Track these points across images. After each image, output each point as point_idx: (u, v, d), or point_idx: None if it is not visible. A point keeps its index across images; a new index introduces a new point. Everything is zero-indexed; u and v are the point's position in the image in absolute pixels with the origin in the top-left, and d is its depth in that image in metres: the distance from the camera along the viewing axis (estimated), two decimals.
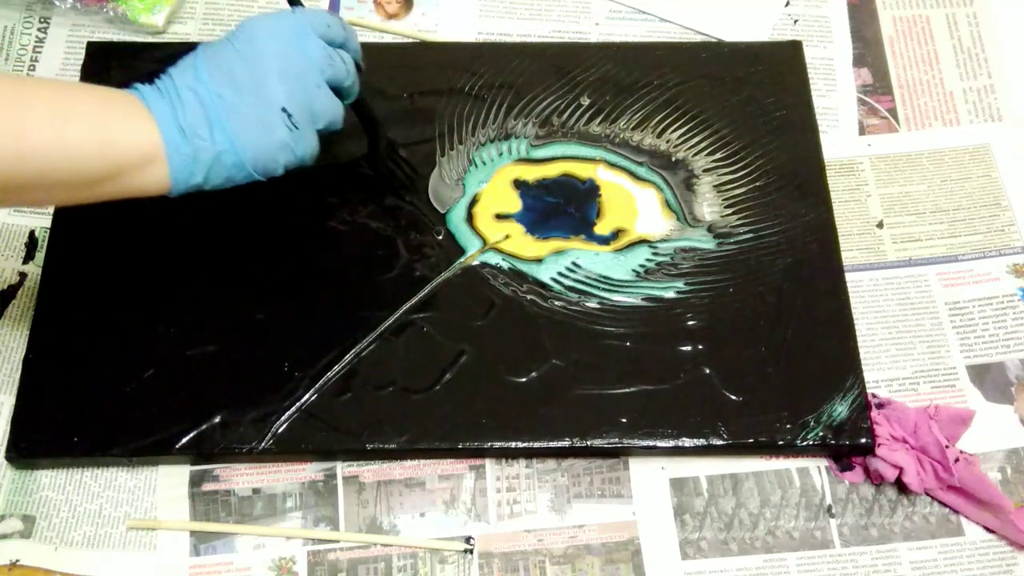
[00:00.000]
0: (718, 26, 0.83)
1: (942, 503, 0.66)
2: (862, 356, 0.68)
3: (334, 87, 0.59)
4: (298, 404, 0.65)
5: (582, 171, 0.75)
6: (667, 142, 0.76)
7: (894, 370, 0.70)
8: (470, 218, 0.73)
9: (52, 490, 0.66)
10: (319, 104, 0.58)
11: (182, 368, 0.66)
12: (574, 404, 0.66)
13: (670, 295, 0.70)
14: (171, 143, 0.54)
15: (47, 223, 0.72)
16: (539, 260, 0.71)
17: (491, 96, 0.77)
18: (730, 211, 0.73)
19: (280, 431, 0.65)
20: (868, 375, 0.68)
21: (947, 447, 0.65)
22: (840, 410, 0.66)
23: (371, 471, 0.67)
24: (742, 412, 0.66)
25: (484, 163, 0.75)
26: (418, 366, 0.67)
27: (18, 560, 0.64)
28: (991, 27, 0.84)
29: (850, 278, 0.72)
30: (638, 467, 0.67)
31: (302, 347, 0.67)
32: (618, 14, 0.85)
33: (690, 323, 0.69)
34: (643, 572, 0.64)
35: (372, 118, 0.69)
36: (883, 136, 0.80)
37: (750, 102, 0.77)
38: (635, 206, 0.74)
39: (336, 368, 0.67)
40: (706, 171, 0.75)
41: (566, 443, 0.65)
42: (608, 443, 0.65)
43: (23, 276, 0.72)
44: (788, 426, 0.65)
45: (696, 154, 0.76)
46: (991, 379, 0.70)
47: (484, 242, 0.72)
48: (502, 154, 0.75)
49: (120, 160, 0.54)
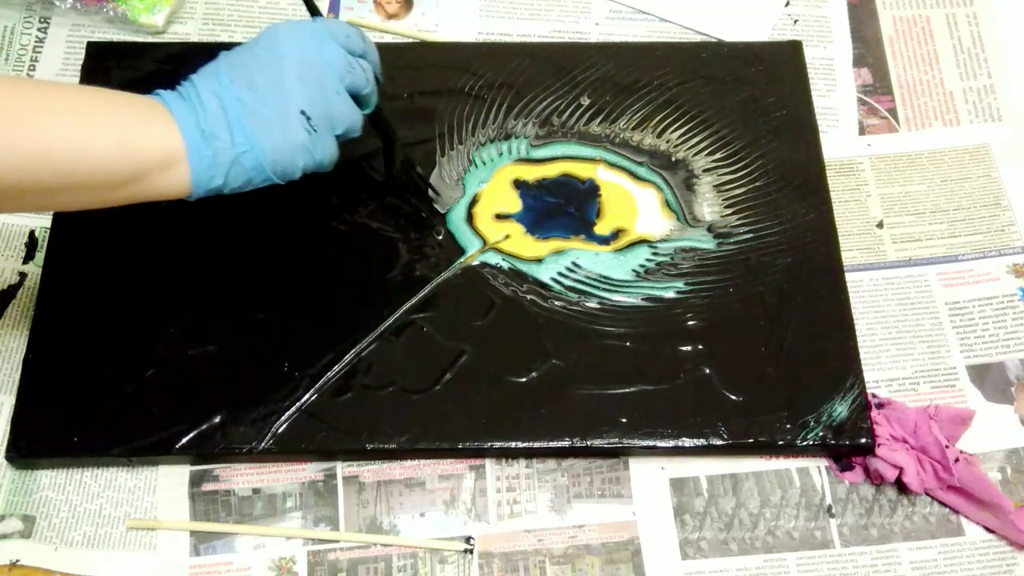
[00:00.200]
0: (718, 26, 0.83)
1: (942, 503, 0.66)
2: (862, 356, 0.68)
3: (353, 95, 0.60)
4: (298, 404, 0.65)
5: (582, 171, 0.75)
6: (667, 142, 0.76)
7: (894, 370, 0.70)
8: (470, 218, 0.73)
9: (52, 490, 0.66)
10: (338, 109, 0.58)
11: (182, 368, 0.66)
12: (574, 404, 0.66)
13: (670, 295, 0.70)
14: (192, 145, 0.55)
15: (47, 223, 0.72)
16: (539, 260, 0.71)
17: (491, 96, 0.77)
18: (730, 211, 0.73)
19: (280, 431, 0.65)
20: (868, 375, 0.68)
21: (947, 447, 0.65)
22: (840, 410, 0.66)
23: (371, 471, 0.67)
24: (742, 412, 0.66)
25: (484, 163, 0.75)
26: (418, 366, 0.67)
27: (18, 560, 0.64)
28: (991, 27, 0.84)
29: (850, 278, 0.72)
30: (638, 467, 0.67)
31: (302, 347, 0.67)
32: (618, 14, 0.85)
33: (690, 323, 0.69)
34: (643, 572, 0.64)
35: (389, 132, 0.69)
36: (883, 136, 0.80)
37: (750, 102, 0.77)
38: (635, 206, 0.74)
39: (336, 368, 0.67)
40: (706, 171, 0.75)
41: (566, 443, 0.65)
42: (608, 443, 0.65)
43: (23, 276, 0.72)
44: (788, 426, 0.65)
45: (696, 154, 0.76)
46: (991, 379, 0.70)
47: (484, 242, 0.72)
48: (502, 154, 0.75)
49: (142, 162, 0.54)
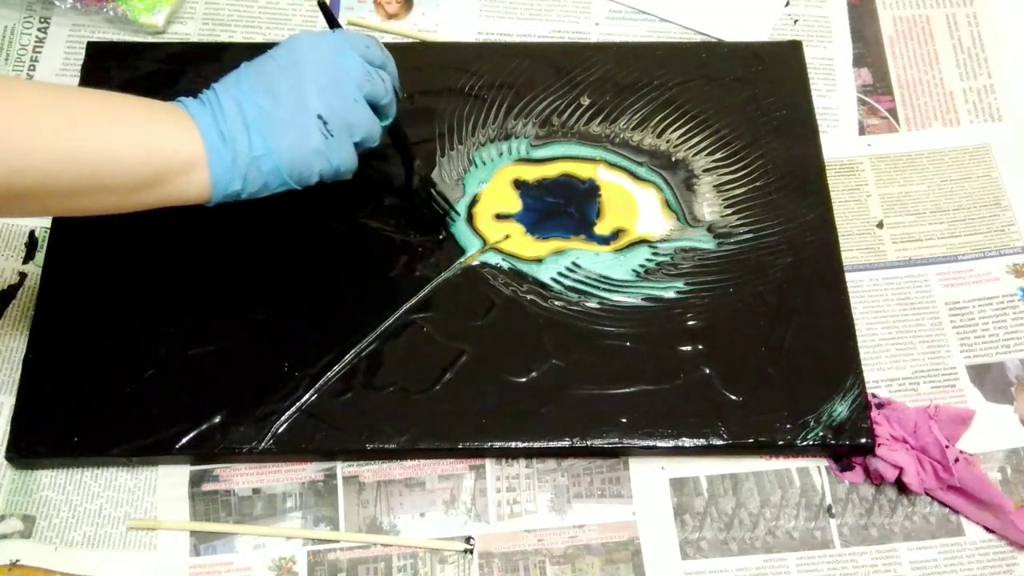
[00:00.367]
0: (718, 26, 0.83)
1: (942, 503, 0.66)
2: (862, 356, 0.68)
3: (372, 105, 0.61)
4: (298, 404, 0.65)
5: (582, 171, 0.75)
6: (667, 142, 0.76)
7: (894, 370, 0.70)
8: (470, 218, 0.73)
9: (52, 490, 0.66)
10: (356, 116, 0.59)
11: (182, 368, 0.66)
12: (574, 404, 0.66)
13: (670, 295, 0.70)
14: (212, 149, 0.56)
15: (47, 223, 0.72)
16: (539, 260, 0.71)
17: (491, 96, 0.77)
18: (730, 211, 0.73)
19: (280, 431, 0.65)
20: (868, 375, 0.68)
21: (947, 447, 0.65)
22: (840, 410, 0.66)
23: (371, 471, 0.67)
24: (742, 412, 0.66)
25: (484, 163, 0.75)
26: (418, 366, 0.67)
27: (18, 560, 0.64)
28: (991, 27, 0.84)
29: (850, 278, 0.72)
30: (638, 467, 0.67)
31: (302, 347, 0.67)
32: (618, 14, 0.85)
33: (690, 323, 0.69)
34: (643, 572, 0.64)
35: (406, 147, 0.70)
36: (883, 136, 0.80)
37: (750, 102, 0.77)
38: (635, 206, 0.74)
39: (336, 368, 0.67)
40: (706, 171, 0.75)
41: (566, 443, 0.65)
42: (608, 443, 0.65)
43: (23, 276, 0.72)
44: (788, 426, 0.65)
45: (696, 154, 0.76)
46: (991, 379, 0.70)
47: (484, 242, 0.72)
48: (502, 154, 0.75)
49: (164, 166, 0.55)
